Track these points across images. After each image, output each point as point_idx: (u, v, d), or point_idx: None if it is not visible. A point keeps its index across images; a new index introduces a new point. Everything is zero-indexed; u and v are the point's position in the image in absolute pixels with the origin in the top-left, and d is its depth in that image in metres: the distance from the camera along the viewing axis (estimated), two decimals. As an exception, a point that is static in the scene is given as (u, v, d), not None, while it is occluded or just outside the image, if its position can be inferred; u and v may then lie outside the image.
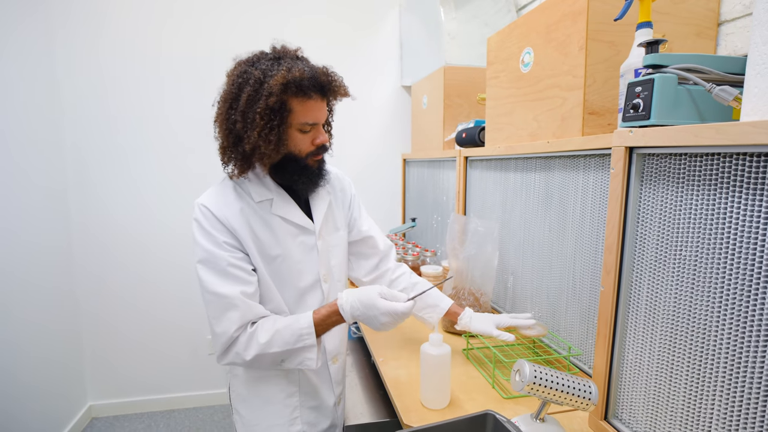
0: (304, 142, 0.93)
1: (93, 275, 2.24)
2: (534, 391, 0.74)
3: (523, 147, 1.20)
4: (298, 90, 0.87)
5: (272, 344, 0.90)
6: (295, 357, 0.92)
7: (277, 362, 0.93)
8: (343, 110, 2.37)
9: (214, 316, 0.90)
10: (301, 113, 0.90)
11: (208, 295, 0.90)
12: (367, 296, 0.91)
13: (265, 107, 0.85)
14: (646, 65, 0.72)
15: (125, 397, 2.38)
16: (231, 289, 0.89)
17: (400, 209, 2.53)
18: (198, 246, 0.91)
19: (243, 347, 0.90)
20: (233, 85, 0.89)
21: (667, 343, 0.69)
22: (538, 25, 1.13)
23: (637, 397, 0.76)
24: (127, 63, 2.12)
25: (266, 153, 0.88)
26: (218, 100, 0.93)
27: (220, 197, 0.95)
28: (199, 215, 0.92)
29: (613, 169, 0.77)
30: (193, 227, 0.93)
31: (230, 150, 0.92)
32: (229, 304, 0.89)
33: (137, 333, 2.33)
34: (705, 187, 0.62)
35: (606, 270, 0.80)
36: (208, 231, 0.91)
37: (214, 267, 0.90)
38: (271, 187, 0.98)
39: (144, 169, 2.21)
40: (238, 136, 0.89)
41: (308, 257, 1.02)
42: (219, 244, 0.90)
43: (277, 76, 0.85)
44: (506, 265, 1.37)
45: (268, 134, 0.87)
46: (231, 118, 0.88)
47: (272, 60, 0.90)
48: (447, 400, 0.92)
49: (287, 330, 0.91)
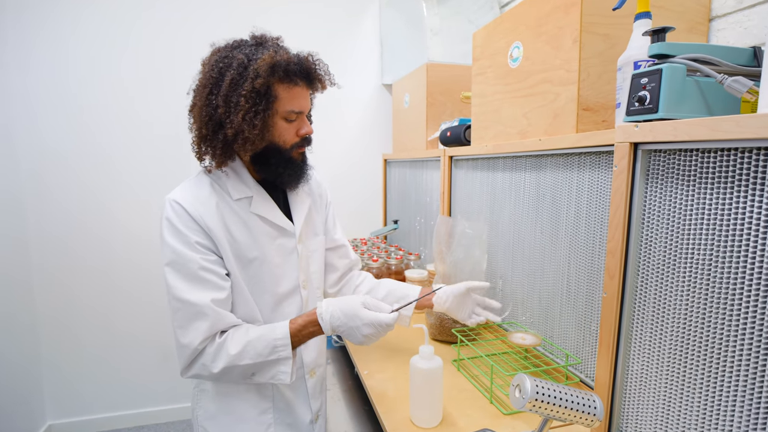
0: (288, 132, 0.88)
1: (52, 285, 2.07)
2: (536, 408, 0.68)
3: (512, 145, 1.14)
4: (285, 75, 0.82)
5: (243, 356, 0.82)
6: (267, 370, 0.85)
7: (248, 375, 0.85)
8: (322, 110, 2.29)
9: (180, 325, 0.82)
10: (287, 100, 0.84)
11: (175, 302, 0.82)
12: (348, 305, 0.85)
13: (251, 89, 0.79)
14: (652, 55, 0.67)
15: (88, 415, 2.21)
16: (201, 296, 0.82)
17: (381, 211, 2.46)
18: (167, 247, 0.82)
19: (210, 359, 0.82)
20: (213, 70, 0.82)
21: (678, 354, 0.64)
22: (527, 18, 1.08)
23: (644, 412, 0.71)
24: (87, 62, 1.97)
25: (250, 139, 0.81)
26: (194, 88, 0.86)
27: (194, 193, 0.86)
28: (170, 212, 0.83)
29: (616, 167, 0.72)
30: (163, 226, 0.84)
31: (209, 139, 0.84)
32: (198, 313, 0.81)
33: (100, 345, 2.17)
34: (721, 185, 0.57)
35: (609, 274, 0.75)
36: (180, 230, 0.82)
37: (183, 270, 0.82)
38: (251, 183, 0.91)
39: (106, 170, 2.06)
40: (219, 123, 0.82)
41: (287, 261, 0.95)
42: (191, 244, 0.82)
43: (264, 57, 0.80)
44: (495, 268, 1.32)
45: (253, 118, 0.80)
46: (212, 103, 0.81)
47: (254, 46, 0.86)
48: (439, 417, 0.85)
49: (260, 341, 0.84)
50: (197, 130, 0.85)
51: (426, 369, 0.82)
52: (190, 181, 0.90)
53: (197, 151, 0.87)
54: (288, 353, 0.84)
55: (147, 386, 2.27)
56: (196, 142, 0.87)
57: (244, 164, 0.91)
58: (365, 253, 1.75)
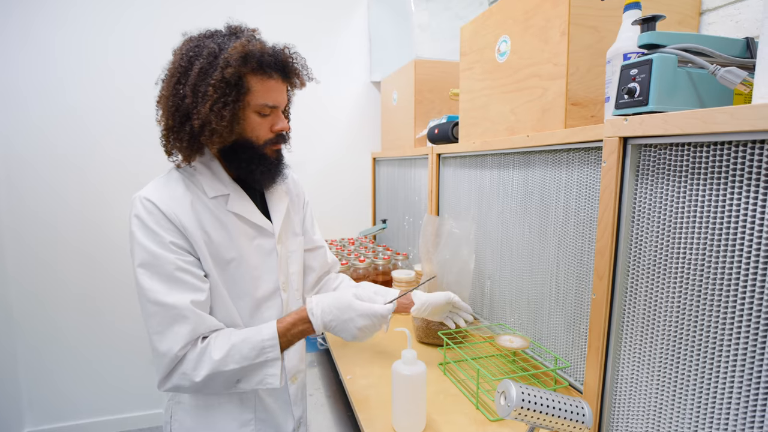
0: (262, 127, 0.84)
1: (29, 286, 2.00)
2: (522, 417, 0.64)
3: (500, 142, 1.11)
4: (258, 66, 0.78)
5: (228, 360, 0.77)
6: (254, 375, 0.79)
7: (232, 383, 0.79)
8: (309, 108, 2.25)
9: (158, 330, 0.76)
10: (261, 93, 0.80)
11: (151, 305, 0.76)
12: (340, 299, 0.82)
13: (221, 79, 0.75)
14: (641, 45, 0.64)
15: (68, 421, 2.14)
16: (179, 298, 0.76)
17: (370, 211, 2.42)
18: (139, 247, 0.77)
19: (192, 366, 0.76)
20: (183, 58, 0.78)
21: (670, 358, 0.61)
22: (515, 12, 1.05)
23: (635, 418, 0.68)
24: (53, 57, 1.91)
25: (217, 130, 0.77)
26: (163, 77, 0.82)
27: (167, 190, 0.81)
28: (141, 211, 0.78)
29: (605, 163, 0.69)
30: (133, 225, 0.78)
31: (176, 131, 0.79)
32: (177, 316, 0.76)
33: (81, 348, 2.10)
34: (714, 181, 0.54)
35: (598, 275, 0.72)
36: (152, 229, 0.77)
37: (158, 272, 0.76)
38: (226, 181, 0.87)
39: (88, 166, 2.00)
40: (186, 114, 0.78)
41: (266, 262, 0.91)
42: (165, 244, 0.77)
43: (236, 46, 0.76)
44: (483, 268, 1.28)
45: (221, 109, 0.76)
46: (179, 93, 0.77)
47: (227, 35, 0.81)
48: (422, 424, 0.81)
49: (246, 343, 0.79)
50: (164, 122, 0.81)
51: (408, 375, 0.78)
52: (161, 179, 0.85)
53: (165, 144, 0.83)
54: (276, 354, 0.79)
55: (131, 390, 2.21)
56: (163, 135, 0.82)
57: (217, 161, 0.87)
58: (352, 253, 1.71)
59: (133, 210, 0.79)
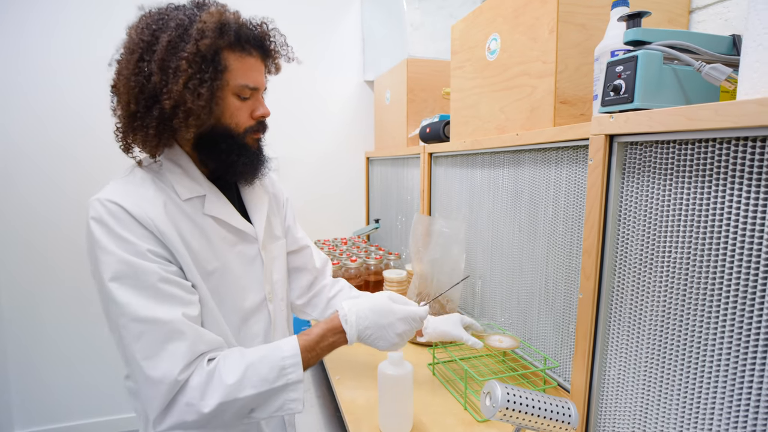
0: (241, 112, 0.74)
1: (17, 286, 1.98)
2: (507, 417, 0.64)
3: (490, 141, 1.10)
4: (236, 41, 0.69)
5: (244, 385, 0.64)
6: (273, 401, 0.67)
7: (245, 413, 0.67)
8: (303, 107, 2.24)
9: (148, 355, 0.62)
10: (240, 72, 0.71)
11: (135, 324, 0.62)
12: (377, 302, 0.75)
13: (195, 52, 0.65)
14: (627, 41, 0.63)
15: (58, 423, 2.12)
16: (170, 311, 0.64)
17: (364, 210, 2.41)
18: (107, 258, 0.63)
19: (199, 394, 0.63)
20: (143, 33, 0.67)
21: (655, 358, 0.60)
22: (504, 9, 1.05)
23: (622, 419, 0.67)
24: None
25: (193, 110, 0.66)
26: (117, 58, 0.70)
27: (135, 190, 0.69)
28: (105, 215, 0.64)
29: (591, 161, 0.69)
30: (95, 233, 0.64)
31: (140, 117, 0.67)
32: (172, 332, 0.63)
33: (71, 348, 2.08)
34: (699, 178, 0.53)
35: (585, 275, 0.71)
36: (122, 236, 0.64)
37: (138, 284, 0.64)
38: (201, 180, 0.76)
39: (76, 165, 1.98)
40: (153, 95, 0.66)
41: (250, 271, 0.81)
42: (141, 253, 0.65)
43: (211, 13, 0.66)
44: (474, 268, 1.28)
45: (197, 86, 0.65)
46: (143, 71, 0.66)
47: (195, 8, 0.71)
48: (409, 426, 0.81)
49: (264, 363, 0.67)
50: (123, 108, 0.68)
51: (394, 375, 0.77)
52: (123, 179, 0.71)
53: (123, 136, 0.71)
54: (299, 375, 0.68)
55: (122, 392, 2.19)
56: (122, 124, 0.70)
57: (188, 156, 0.76)
58: (344, 253, 1.70)
59: (91, 213, 0.65)
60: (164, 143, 0.71)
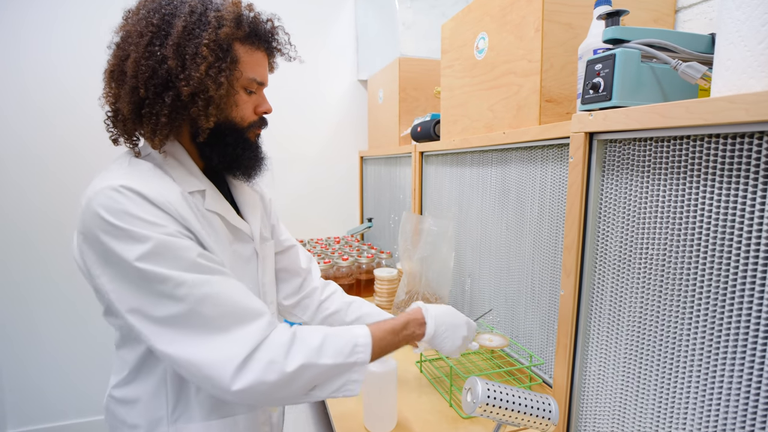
0: (247, 106, 0.72)
1: (8, 283, 1.98)
2: (488, 413, 0.64)
3: (478, 139, 1.11)
4: (249, 35, 0.68)
5: (324, 351, 0.62)
6: (338, 378, 0.64)
7: (307, 389, 0.63)
8: (297, 106, 2.24)
9: (225, 324, 0.58)
10: (249, 66, 0.70)
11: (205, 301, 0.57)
12: (445, 307, 0.79)
13: (215, 39, 0.63)
14: (606, 39, 0.64)
15: (52, 422, 2.12)
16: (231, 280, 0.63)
17: (358, 210, 2.42)
18: (129, 241, 0.57)
19: (284, 352, 0.59)
20: (152, 15, 0.63)
21: (633, 354, 0.61)
22: (492, 8, 1.05)
23: (602, 414, 0.68)
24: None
25: (213, 100, 0.64)
26: (117, 41, 0.66)
27: (148, 178, 0.63)
28: (122, 200, 0.58)
29: (572, 159, 0.69)
30: (107, 220, 0.57)
31: (149, 104, 0.63)
32: (248, 295, 0.62)
33: (64, 346, 2.08)
34: (673, 175, 0.54)
35: (566, 272, 0.71)
36: (148, 220, 0.58)
37: (176, 258, 0.58)
38: (199, 175, 0.73)
39: (72, 161, 1.98)
40: (166, 81, 0.63)
41: (246, 271, 0.79)
42: (172, 233, 0.59)
43: (231, 3, 0.65)
44: (463, 266, 1.28)
45: (217, 74, 0.63)
46: (155, 55, 0.62)
47: None
48: (393, 423, 0.81)
49: (339, 337, 0.65)
50: (128, 94, 0.63)
51: (378, 372, 0.78)
52: (128, 167, 0.65)
53: (124, 122, 0.66)
54: (367, 357, 0.66)
55: (115, 391, 2.19)
56: (126, 111, 0.64)
57: (184, 150, 0.72)
58: (336, 252, 1.70)
59: (101, 202, 0.58)
60: (174, 133, 0.69)
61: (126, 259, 0.56)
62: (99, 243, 0.58)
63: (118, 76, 0.65)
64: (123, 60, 0.64)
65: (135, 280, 0.57)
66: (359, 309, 0.93)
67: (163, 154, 0.69)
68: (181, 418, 0.70)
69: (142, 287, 0.57)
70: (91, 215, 0.58)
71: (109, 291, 0.59)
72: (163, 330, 0.58)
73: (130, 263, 0.56)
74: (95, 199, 0.58)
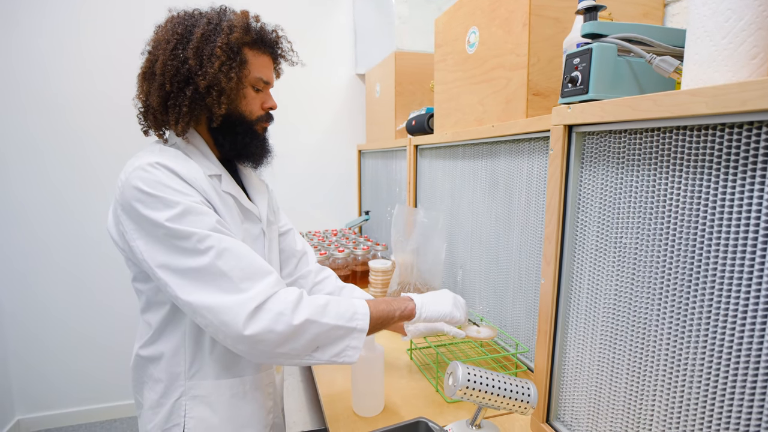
0: (255, 102, 0.85)
1: (16, 274, 2.02)
2: (468, 396, 0.67)
3: (469, 132, 1.13)
4: (256, 40, 0.81)
5: (328, 311, 0.70)
6: (338, 342, 0.71)
7: (311, 348, 0.70)
8: (296, 100, 2.26)
9: (241, 276, 0.67)
10: (257, 67, 0.82)
11: (221, 256, 0.67)
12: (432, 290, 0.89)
13: (226, 42, 0.76)
14: (584, 34, 0.65)
15: (58, 409, 2.18)
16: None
17: (356, 203, 2.44)
18: (159, 205, 0.67)
19: (292, 306, 0.67)
20: (177, 26, 0.78)
21: (607, 340, 0.63)
22: (482, 3, 1.06)
23: (579, 398, 0.70)
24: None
25: (225, 91, 0.77)
26: (149, 49, 0.79)
27: (176, 158, 0.75)
28: (156, 173, 0.69)
29: (552, 151, 0.71)
30: (143, 190, 0.68)
31: (173, 96, 0.76)
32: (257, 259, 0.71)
33: (70, 335, 2.13)
34: (645, 166, 0.56)
35: (546, 261, 0.74)
36: (177, 189, 0.70)
37: (202, 220, 0.68)
38: (215, 161, 0.84)
39: (75, 158, 2.01)
40: (187, 78, 0.76)
41: (255, 247, 0.88)
42: (197, 202, 0.70)
43: (243, 12, 0.81)
44: (455, 257, 1.30)
45: (228, 71, 0.76)
46: (179, 56, 0.75)
47: (218, 12, 0.83)
48: (381, 406, 0.84)
49: (340, 303, 0.73)
50: (157, 89, 0.76)
51: (365, 357, 0.80)
52: (157, 151, 0.76)
53: (154, 117, 0.78)
54: (365, 324, 0.73)
55: (119, 378, 2.24)
56: (155, 104, 0.77)
57: (202, 139, 0.84)
58: (332, 244, 1.73)
59: (138, 175, 0.69)
60: (192, 123, 0.79)
61: (158, 220, 0.67)
62: (135, 211, 0.69)
63: (149, 76, 0.78)
64: (153, 63, 0.77)
65: (164, 239, 0.68)
66: (351, 294, 1.01)
67: (185, 141, 0.81)
68: (197, 375, 0.80)
69: (170, 244, 0.68)
70: (129, 188, 0.69)
71: (143, 251, 0.69)
72: (186, 282, 0.67)
73: (161, 224, 0.67)
74: (133, 173, 0.69)
